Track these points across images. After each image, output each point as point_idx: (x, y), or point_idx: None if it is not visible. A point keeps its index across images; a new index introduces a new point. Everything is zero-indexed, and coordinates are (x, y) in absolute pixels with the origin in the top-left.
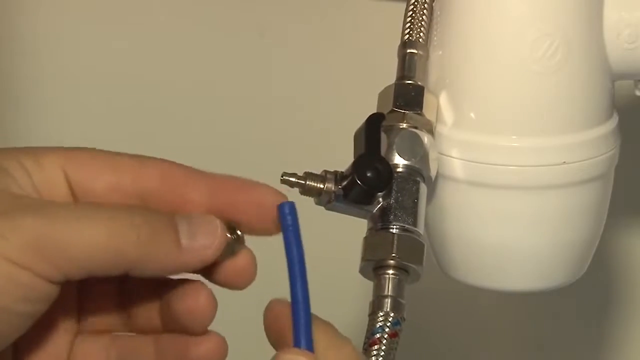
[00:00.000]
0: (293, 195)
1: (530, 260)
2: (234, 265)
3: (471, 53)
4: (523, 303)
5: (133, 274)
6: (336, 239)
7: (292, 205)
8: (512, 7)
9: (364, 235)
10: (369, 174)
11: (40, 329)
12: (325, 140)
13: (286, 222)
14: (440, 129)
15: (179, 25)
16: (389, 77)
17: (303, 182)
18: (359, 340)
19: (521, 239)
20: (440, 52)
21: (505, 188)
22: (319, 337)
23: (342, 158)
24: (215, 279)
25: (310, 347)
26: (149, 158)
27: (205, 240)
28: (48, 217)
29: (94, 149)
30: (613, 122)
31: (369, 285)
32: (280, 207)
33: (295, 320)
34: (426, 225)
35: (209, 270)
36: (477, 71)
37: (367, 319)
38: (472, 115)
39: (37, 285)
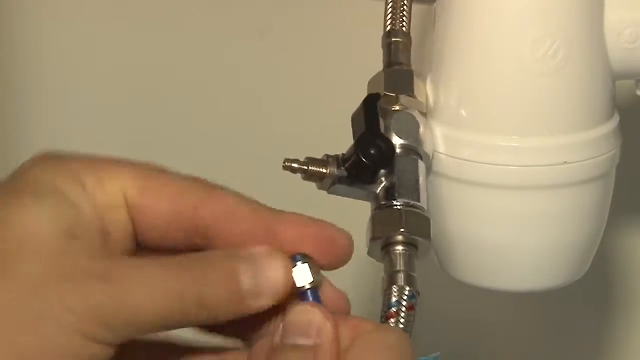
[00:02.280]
0: (295, 180)
1: (530, 260)
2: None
3: (471, 53)
4: (523, 303)
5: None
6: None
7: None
8: (513, 7)
9: (368, 219)
10: (372, 151)
11: None
12: (325, 140)
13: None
14: (440, 128)
15: (179, 25)
16: None
17: (305, 167)
18: None
19: (521, 239)
20: (439, 47)
21: (506, 188)
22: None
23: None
24: None
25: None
26: (215, 188)
27: (269, 286)
28: (113, 288)
29: (156, 169)
30: (614, 121)
31: (369, 276)
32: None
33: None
34: None
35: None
36: (478, 71)
37: (370, 311)
38: (472, 115)
39: (98, 351)
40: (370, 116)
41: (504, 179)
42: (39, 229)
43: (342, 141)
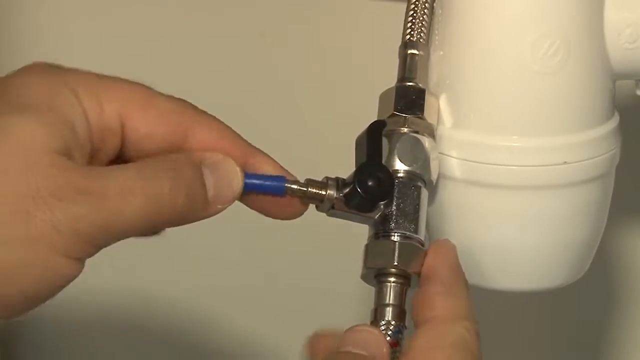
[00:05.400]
0: None
1: (530, 260)
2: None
3: (472, 53)
4: (523, 303)
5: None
6: (338, 244)
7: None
8: (513, 7)
9: (366, 242)
10: (370, 183)
11: None
12: (325, 141)
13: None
14: (440, 129)
15: (179, 25)
16: (389, 77)
17: (305, 189)
18: None
19: (521, 239)
20: (441, 53)
21: (506, 188)
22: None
23: (342, 159)
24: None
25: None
26: (202, 116)
27: (228, 193)
28: (97, 202)
29: (151, 93)
30: (614, 121)
31: (370, 289)
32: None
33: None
34: (427, 225)
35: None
36: (478, 71)
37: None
38: (472, 115)
39: (78, 268)
40: (373, 145)
41: (504, 179)
42: (34, 147)
43: (341, 142)
